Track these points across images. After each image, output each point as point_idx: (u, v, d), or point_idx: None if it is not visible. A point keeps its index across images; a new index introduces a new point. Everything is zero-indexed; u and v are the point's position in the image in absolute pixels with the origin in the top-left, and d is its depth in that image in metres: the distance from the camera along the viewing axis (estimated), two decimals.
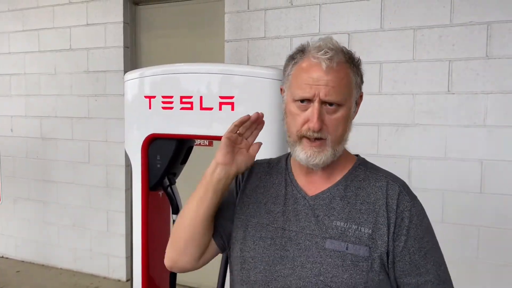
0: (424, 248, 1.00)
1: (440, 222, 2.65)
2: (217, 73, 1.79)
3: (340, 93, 0.98)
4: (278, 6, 3.02)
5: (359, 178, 1.06)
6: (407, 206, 1.01)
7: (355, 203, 1.03)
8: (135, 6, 3.71)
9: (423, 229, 1.02)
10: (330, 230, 1.01)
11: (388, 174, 1.08)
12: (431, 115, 2.65)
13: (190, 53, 3.48)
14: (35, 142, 4.06)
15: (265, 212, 1.09)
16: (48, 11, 3.91)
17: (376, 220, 1.00)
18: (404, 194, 1.03)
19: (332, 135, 1.00)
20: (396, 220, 0.99)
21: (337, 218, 1.01)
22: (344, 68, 1.00)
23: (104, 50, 3.68)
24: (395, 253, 0.99)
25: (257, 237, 1.07)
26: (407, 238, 0.99)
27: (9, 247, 4.32)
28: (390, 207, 1.01)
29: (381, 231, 0.99)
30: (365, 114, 2.80)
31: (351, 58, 1.04)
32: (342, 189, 1.05)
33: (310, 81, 0.99)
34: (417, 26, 2.66)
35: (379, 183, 1.05)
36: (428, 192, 2.67)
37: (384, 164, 2.88)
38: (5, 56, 4.17)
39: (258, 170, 1.17)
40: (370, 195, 1.03)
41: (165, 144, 1.91)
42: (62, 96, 3.90)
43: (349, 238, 0.99)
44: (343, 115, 1.00)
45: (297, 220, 1.04)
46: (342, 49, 1.03)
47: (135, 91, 1.96)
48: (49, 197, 4.05)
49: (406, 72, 2.70)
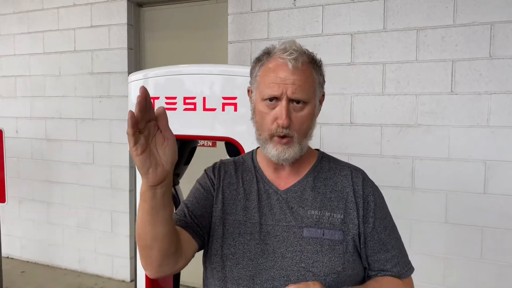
0: (387, 227, 1.12)
1: (444, 222, 2.65)
2: (220, 74, 1.80)
3: (305, 91, 1.05)
4: (281, 7, 3.03)
5: (324, 169, 1.16)
6: (371, 191, 1.12)
7: (325, 192, 1.11)
8: (139, 7, 3.73)
9: (384, 211, 1.14)
10: (306, 219, 1.08)
11: (349, 165, 1.19)
12: (434, 116, 2.65)
13: (194, 54, 3.49)
14: (40, 143, 4.09)
15: (241, 209, 1.12)
16: (52, 13, 3.93)
17: (346, 206, 1.09)
18: (366, 180, 1.14)
19: (298, 132, 1.07)
20: (364, 204, 1.10)
21: (310, 207, 1.09)
22: (308, 68, 1.07)
23: (108, 52, 3.71)
24: (366, 233, 1.09)
25: (236, 234, 1.10)
26: (374, 220, 1.10)
27: (14, 248, 4.34)
28: (357, 193, 1.11)
29: (351, 215, 1.09)
30: (368, 114, 2.81)
31: (313, 59, 1.11)
32: (311, 180, 1.13)
33: (278, 80, 1.05)
34: (420, 26, 2.66)
35: (343, 172, 1.15)
36: (431, 193, 2.67)
37: (387, 165, 2.88)
38: (10, 57, 4.20)
39: (227, 168, 1.21)
40: (337, 184, 1.13)
41: None
42: (66, 97, 3.93)
43: (324, 225, 1.07)
44: (309, 112, 1.07)
45: (272, 214, 1.10)
46: (305, 51, 1.10)
47: (137, 92, 1.97)
48: (53, 198, 4.07)
49: (409, 72, 2.70)
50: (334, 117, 2.90)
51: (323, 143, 2.93)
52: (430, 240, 2.69)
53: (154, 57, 3.73)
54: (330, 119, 2.90)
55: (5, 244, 4.32)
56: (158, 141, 0.88)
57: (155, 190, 0.90)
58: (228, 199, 1.14)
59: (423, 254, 2.69)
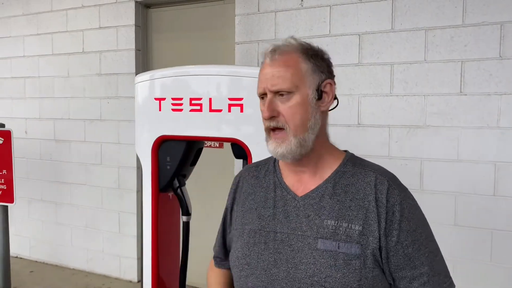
0: (417, 241, 1.00)
1: (453, 225, 2.62)
2: (226, 75, 1.79)
3: (286, 80, 1.01)
4: (289, 8, 3.02)
5: (347, 174, 1.06)
6: (397, 200, 1.01)
7: (345, 200, 1.02)
8: (146, 9, 3.74)
9: (415, 222, 1.01)
10: (321, 230, 1.01)
11: (376, 169, 1.07)
12: (443, 117, 2.62)
13: (201, 55, 3.50)
14: (49, 144, 4.12)
15: (256, 218, 1.10)
16: (61, 14, 3.96)
17: (366, 216, 1.00)
18: (393, 187, 1.02)
19: (290, 123, 1.02)
20: (387, 215, 0.99)
21: (327, 216, 1.01)
22: (292, 57, 1.03)
23: (116, 53, 3.72)
24: (389, 248, 0.99)
25: (251, 243, 1.08)
26: (399, 233, 0.99)
27: (23, 248, 4.38)
28: (379, 202, 1.00)
29: (372, 227, 0.99)
30: (376, 115, 2.79)
31: (303, 48, 1.05)
32: (331, 186, 1.04)
33: (262, 77, 1.05)
34: (429, 26, 2.64)
35: (367, 178, 1.04)
36: (440, 195, 2.64)
37: (395, 166, 2.86)
38: (20, 59, 4.24)
39: (248, 175, 1.20)
40: (359, 191, 1.02)
41: (174, 145, 1.93)
42: (75, 98, 3.95)
43: (340, 237, 0.99)
44: (298, 102, 1.02)
45: (288, 222, 1.05)
46: (296, 43, 1.05)
47: (145, 93, 1.98)
48: (62, 199, 4.10)
49: (418, 73, 2.67)
50: (341, 118, 2.88)
51: None
52: (439, 243, 2.64)
53: (162, 58, 3.73)
54: (337, 120, 2.88)
55: (15, 244, 4.36)
56: None
57: None
58: (247, 209, 1.13)
59: None
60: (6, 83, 4.34)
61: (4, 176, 2.61)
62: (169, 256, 2.09)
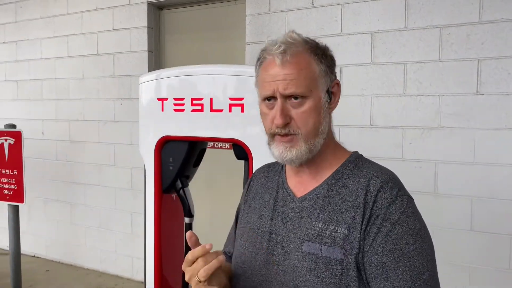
0: (398, 251, 0.89)
1: (469, 230, 2.52)
2: (226, 75, 1.76)
3: (300, 84, 0.95)
4: (299, 7, 2.97)
5: (344, 176, 1.00)
6: (386, 203, 0.92)
7: (336, 203, 0.97)
8: (159, 10, 3.75)
9: (403, 230, 0.90)
10: (309, 232, 0.96)
11: (375, 170, 1.00)
12: (459, 118, 2.52)
13: (212, 56, 3.48)
14: (64, 145, 4.18)
15: (257, 217, 1.08)
16: (77, 17, 4.02)
17: (353, 219, 0.93)
18: (384, 190, 0.94)
19: (302, 129, 0.96)
20: (370, 218, 0.91)
21: (316, 219, 0.97)
22: (303, 59, 0.96)
23: (129, 55, 3.75)
24: (364, 252, 0.90)
25: (248, 242, 1.06)
26: (376, 237, 0.90)
27: (40, 247, 4.45)
28: (367, 204, 0.93)
29: (356, 230, 0.92)
30: (389, 116, 2.71)
31: (312, 47, 0.99)
32: (326, 189, 1.00)
33: (269, 78, 0.97)
34: (444, 24, 2.54)
35: (361, 179, 0.97)
36: (455, 199, 2.54)
37: (408, 169, 2.76)
38: (37, 61, 4.32)
39: (259, 175, 1.18)
40: (352, 193, 0.96)
41: (177, 146, 1.91)
42: (89, 100, 4.00)
43: (325, 240, 0.93)
44: (311, 107, 0.96)
45: (284, 223, 1.02)
46: (302, 40, 0.99)
47: (148, 93, 1.97)
48: (76, 199, 4.15)
49: (432, 72, 2.58)
50: (353, 119, 2.81)
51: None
52: (454, 249, 2.56)
53: (174, 59, 3.74)
54: (349, 121, 2.81)
55: (32, 243, 4.44)
56: None
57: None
58: (252, 208, 1.11)
59: (447, 264, 2.56)
60: (25, 85, 4.43)
61: (14, 176, 2.65)
62: (172, 257, 2.07)
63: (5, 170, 2.67)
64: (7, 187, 2.67)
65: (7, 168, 2.65)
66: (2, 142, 2.63)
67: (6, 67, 4.55)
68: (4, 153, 2.65)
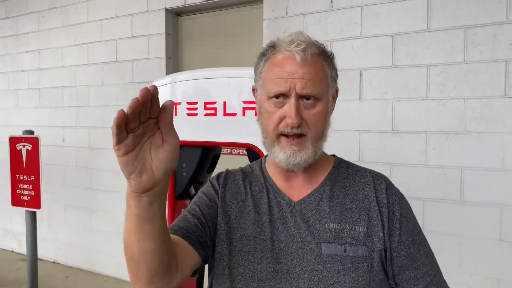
0: (416, 241, 0.99)
1: (498, 240, 2.38)
2: (242, 78, 1.71)
3: (317, 86, 0.94)
4: (318, 10, 2.91)
5: (342, 176, 1.03)
6: (396, 199, 0.99)
7: (344, 202, 0.99)
8: (177, 17, 3.75)
9: (412, 221, 1.01)
10: (324, 234, 0.95)
11: (370, 171, 1.06)
12: (486, 122, 2.40)
13: (230, 61, 3.45)
14: (84, 152, 4.21)
15: (250, 223, 1.00)
16: (97, 25, 4.06)
17: (369, 217, 0.96)
18: (390, 187, 1.02)
19: (312, 131, 0.95)
20: (389, 214, 0.97)
21: (328, 220, 0.96)
22: (319, 61, 0.96)
23: (147, 61, 3.75)
24: (392, 248, 0.96)
25: (245, 252, 0.97)
26: (400, 232, 0.97)
27: (60, 253, 4.48)
28: (380, 201, 0.98)
29: (376, 227, 0.96)
30: (412, 121, 2.61)
31: (324, 51, 0.99)
32: (329, 189, 1.00)
33: (285, 75, 0.93)
34: (468, 24, 2.44)
35: (364, 179, 1.02)
36: (483, 207, 2.41)
37: (433, 176, 2.64)
38: (58, 69, 4.38)
39: (234, 177, 1.08)
40: (358, 192, 1.00)
41: (190, 151, 1.86)
42: (108, 107, 4.02)
43: (345, 239, 0.94)
44: (322, 109, 0.96)
45: (286, 229, 0.97)
46: (314, 42, 0.98)
47: (162, 98, 1.93)
48: (96, 205, 4.16)
49: (456, 75, 2.47)
50: (374, 123, 2.72)
51: (362, 152, 2.75)
52: (482, 259, 2.42)
53: (192, 65, 3.72)
54: (370, 126, 2.72)
55: (52, 248, 4.47)
56: (154, 143, 0.73)
57: (139, 198, 0.76)
58: (235, 211, 1.02)
59: (475, 275, 2.43)
60: (46, 93, 4.49)
61: (32, 182, 2.66)
62: None
63: (23, 176, 2.68)
64: (25, 193, 2.68)
65: (25, 174, 2.67)
66: (20, 148, 2.65)
67: (29, 75, 4.64)
68: (22, 159, 2.67)
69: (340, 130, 2.78)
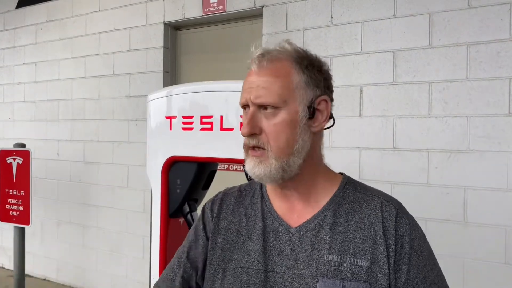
0: (427, 279, 0.87)
1: (503, 263, 2.30)
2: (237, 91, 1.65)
3: (273, 93, 0.86)
4: (318, 25, 2.88)
5: (348, 200, 0.92)
6: (406, 230, 0.88)
7: (348, 230, 0.88)
8: (175, 31, 3.72)
9: (424, 256, 0.89)
10: (322, 267, 0.86)
11: (380, 194, 0.94)
12: (489, 140, 2.35)
13: (228, 76, 3.40)
14: (78, 166, 4.13)
15: (243, 253, 0.92)
16: (94, 38, 4.02)
17: (373, 250, 0.86)
18: (401, 215, 0.89)
19: (273, 143, 0.86)
20: (396, 247, 0.86)
21: (328, 251, 0.86)
22: (282, 66, 0.88)
23: (145, 75, 3.70)
24: (398, 286, 0.85)
25: (237, 285, 0.90)
26: (409, 268, 0.86)
27: (51, 270, 4.36)
28: (388, 232, 0.87)
29: (381, 262, 0.85)
30: (413, 138, 2.55)
31: (298, 57, 0.89)
32: (331, 215, 0.90)
33: (246, 85, 0.90)
34: (471, 41, 2.40)
35: (371, 204, 0.90)
36: (487, 228, 2.33)
37: (435, 195, 2.56)
38: (55, 82, 4.33)
39: (229, 201, 1.00)
40: (363, 220, 0.89)
41: (185, 167, 1.80)
42: (104, 120, 3.95)
43: (345, 274, 0.84)
44: (285, 119, 0.86)
45: (281, 259, 0.89)
46: (291, 49, 0.90)
47: (157, 111, 1.88)
48: (89, 221, 4.06)
49: (459, 92, 2.42)
50: (375, 141, 2.65)
51: (362, 170, 2.69)
52: (486, 283, 2.34)
53: (189, 79, 3.67)
54: (370, 143, 2.66)
55: (43, 266, 4.35)
56: None
57: None
58: (228, 242, 0.95)
59: None
60: (42, 106, 4.43)
61: (21, 197, 2.57)
62: None
63: (13, 190, 2.60)
64: (14, 208, 2.60)
65: (14, 188, 2.59)
66: (11, 161, 2.58)
67: (25, 87, 4.59)
68: (12, 173, 2.59)
69: (340, 147, 2.71)
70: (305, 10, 2.93)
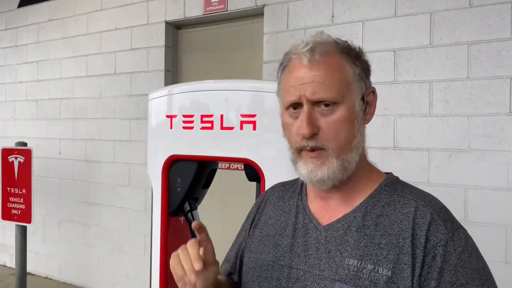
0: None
1: (504, 263, 2.30)
2: (241, 90, 1.66)
3: (332, 88, 0.80)
4: (319, 24, 2.88)
5: (382, 202, 0.84)
6: (442, 240, 0.77)
7: (374, 235, 0.80)
8: (177, 30, 3.72)
9: (465, 274, 0.75)
10: (341, 270, 0.80)
11: (420, 197, 0.84)
12: (490, 139, 2.34)
13: (229, 75, 3.41)
14: (80, 165, 4.14)
15: (272, 247, 0.91)
16: (96, 37, 4.03)
17: (398, 259, 0.77)
18: (437, 223, 0.78)
19: (333, 142, 0.81)
20: (425, 259, 0.76)
21: (350, 254, 0.80)
22: (335, 59, 0.83)
23: (146, 74, 3.71)
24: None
25: (262, 278, 0.89)
26: (438, 284, 0.75)
27: (53, 268, 4.37)
28: (417, 240, 0.77)
29: (404, 273, 0.76)
30: (414, 138, 2.55)
31: (344, 47, 0.85)
32: (360, 216, 0.83)
33: (295, 81, 0.82)
34: (472, 41, 2.40)
35: (405, 209, 0.82)
36: (488, 228, 2.33)
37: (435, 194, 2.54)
38: (57, 81, 4.34)
39: (273, 196, 1.01)
40: (394, 225, 0.80)
41: (186, 166, 1.80)
42: (106, 119, 3.96)
43: (363, 282, 0.77)
44: (344, 115, 0.81)
45: (306, 257, 0.85)
46: (332, 40, 0.86)
47: (157, 110, 1.88)
48: (90, 220, 4.07)
49: (460, 91, 2.42)
50: (375, 140, 2.65)
51: None
52: None
53: (191, 78, 3.68)
54: (371, 142, 2.63)
55: (45, 264, 4.37)
56: None
57: None
58: (264, 235, 0.95)
59: None
60: (44, 105, 4.45)
61: (23, 195, 2.58)
62: None
63: (14, 189, 2.61)
64: (16, 206, 2.61)
65: (16, 187, 2.60)
66: (12, 160, 2.59)
67: (27, 86, 4.60)
68: (14, 171, 2.60)
69: None
70: (306, 9, 2.93)
